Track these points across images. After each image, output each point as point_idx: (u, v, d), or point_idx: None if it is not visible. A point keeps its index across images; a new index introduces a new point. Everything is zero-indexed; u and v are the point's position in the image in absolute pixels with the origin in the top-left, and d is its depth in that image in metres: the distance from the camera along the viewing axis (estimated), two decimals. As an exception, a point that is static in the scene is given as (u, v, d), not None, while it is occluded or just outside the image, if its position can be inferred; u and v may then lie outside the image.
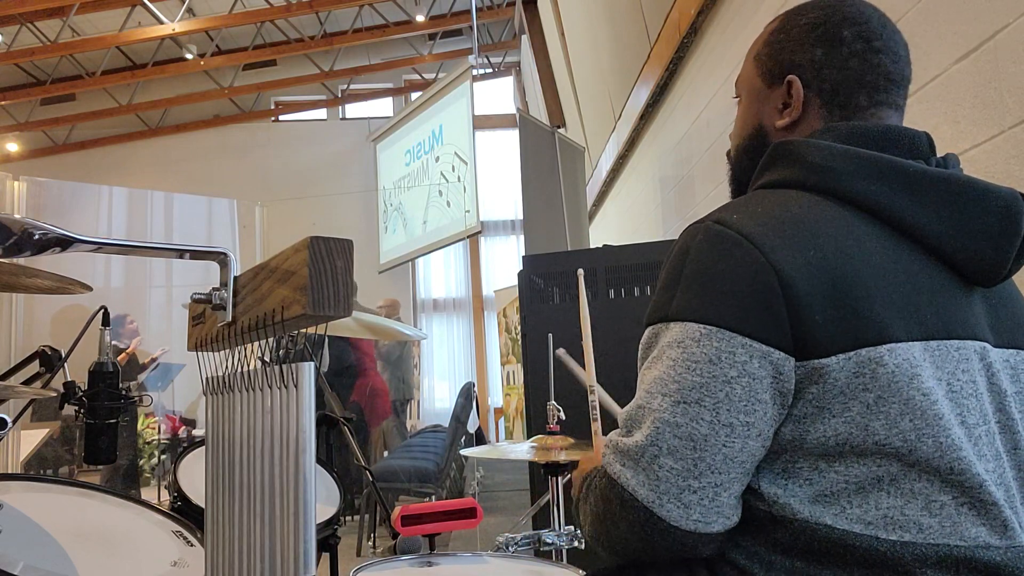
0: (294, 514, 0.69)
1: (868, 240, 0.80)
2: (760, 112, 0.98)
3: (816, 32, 0.92)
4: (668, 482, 0.77)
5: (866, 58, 0.90)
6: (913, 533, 0.74)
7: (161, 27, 7.80)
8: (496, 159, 8.82)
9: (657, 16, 4.15)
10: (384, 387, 5.61)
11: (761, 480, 0.80)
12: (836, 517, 0.76)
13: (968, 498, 0.76)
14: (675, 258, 0.84)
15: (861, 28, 0.90)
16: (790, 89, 0.93)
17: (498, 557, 1.31)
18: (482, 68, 10.21)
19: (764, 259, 0.77)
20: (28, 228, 0.69)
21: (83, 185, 6.82)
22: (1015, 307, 0.90)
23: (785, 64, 0.94)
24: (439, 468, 4.47)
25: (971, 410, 0.78)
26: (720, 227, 0.81)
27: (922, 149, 0.87)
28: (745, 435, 0.76)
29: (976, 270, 0.82)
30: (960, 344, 0.79)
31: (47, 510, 1.34)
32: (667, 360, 0.79)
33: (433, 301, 9.47)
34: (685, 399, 0.77)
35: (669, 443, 0.77)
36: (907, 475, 0.76)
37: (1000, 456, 0.80)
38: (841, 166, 0.83)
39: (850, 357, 0.75)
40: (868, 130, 0.87)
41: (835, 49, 0.90)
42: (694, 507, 0.77)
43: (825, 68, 0.91)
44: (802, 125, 0.93)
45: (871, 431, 0.75)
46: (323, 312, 0.65)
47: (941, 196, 0.81)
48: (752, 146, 0.99)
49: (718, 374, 0.76)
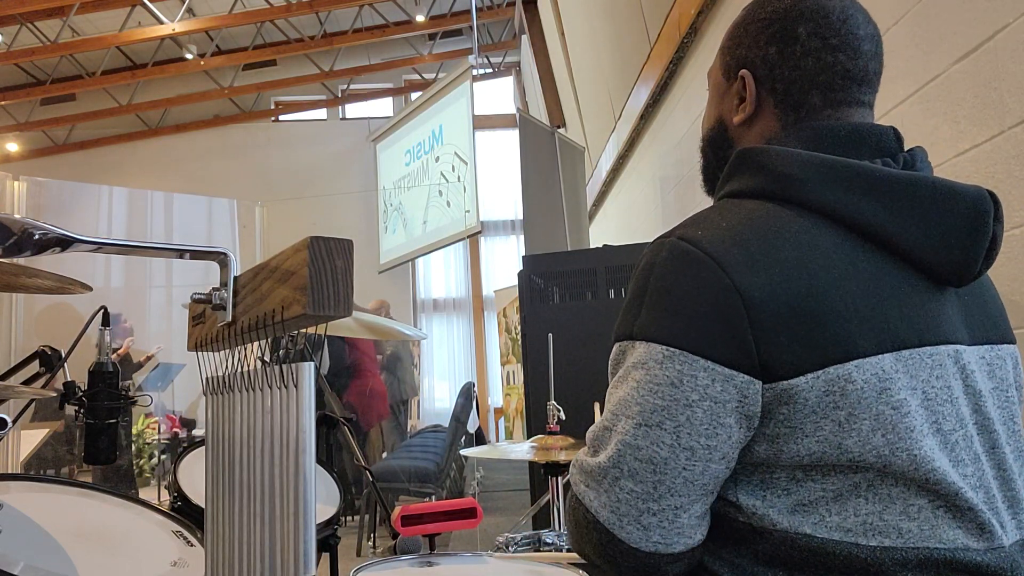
0: (294, 514, 0.69)
1: (834, 251, 0.79)
2: (720, 106, 0.98)
3: (772, 29, 0.90)
4: (628, 504, 0.77)
5: (820, 57, 0.88)
6: (892, 538, 0.74)
7: (161, 27, 7.80)
8: (496, 159, 8.82)
9: (657, 16, 4.15)
10: (383, 388, 5.61)
11: (740, 492, 0.80)
12: (815, 526, 0.76)
13: (944, 502, 0.76)
14: (640, 274, 0.83)
15: (817, 24, 0.88)
16: (744, 85, 0.92)
17: (498, 557, 1.31)
18: (482, 68, 10.21)
19: (728, 280, 0.76)
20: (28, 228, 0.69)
21: (83, 185, 6.83)
22: (989, 302, 0.89)
23: (740, 59, 0.94)
24: (439, 468, 4.47)
25: (947, 416, 0.78)
26: (685, 244, 0.80)
27: (889, 146, 0.86)
28: (707, 458, 0.76)
29: (946, 272, 0.81)
30: (933, 350, 0.79)
31: (47, 510, 1.34)
32: (631, 381, 0.79)
33: (433, 301, 9.47)
34: (647, 422, 0.77)
35: (630, 465, 0.77)
36: (883, 482, 0.76)
37: (979, 459, 0.80)
38: (807, 175, 0.82)
39: (818, 376, 0.74)
40: (834, 130, 0.86)
41: (789, 47, 0.89)
42: (654, 529, 0.77)
43: (778, 67, 0.90)
44: (758, 123, 0.92)
45: (844, 448, 0.75)
46: (323, 312, 0.65)
47: (907, 199, 0.80)
48: (714, 139, 0.99)
49: (679, 397, 0.76)
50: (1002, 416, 0.84)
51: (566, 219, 5.27)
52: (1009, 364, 0.88)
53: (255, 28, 8.72)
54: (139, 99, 9.44)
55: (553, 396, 1.86)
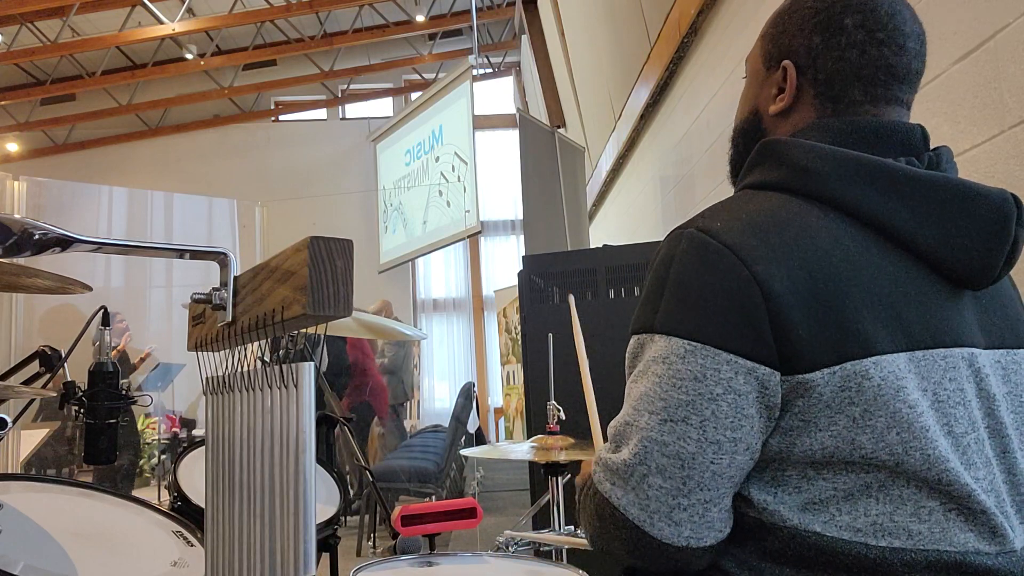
0: (294, 514, 0.69)
1: (853, 247, 0.79)
2: (757, 95, 0.96)
3: (818, 18, 0.88)
4: (658, 501, 0.77)
5: (865, 50, 0.86)
6: (903, 539, 0.74)
7: (161, 27, 7.80)
8: (496, 159, 8.82)
9: (657, 16, 4.15)
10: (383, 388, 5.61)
11: (751, 487, 0.80)
12: (825, 524, 0.76)
13: (956, 505, 0.75)
14: (659, 266, 0.83)
15: (865, 17, 0.86)
16: (785, 75, 0.91)
17: (498, 557, 1.31)
18: (482, 68, 10.20)
19: (748, 272, 0.76)
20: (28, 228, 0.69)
21: (83, 185, 6.83)
22: (1008, 306, 0.89)
23: (783, 48, 0.91)
24: (439, 468, 4.47)
25: (959, 419, 0.78)
26: (704, 236, 0.79)
27: (915, 144, 0.85)
28: (732, 451, 0.76)
29: (964, 274, 0.80)
30: (947, 352, 0.78)
31: (47, 510, 1.34)
32: (653, 376, 0.79)
33: (433, 301, 9.47)
34: (672, 417, 0.77)
35: (657, 462, 0.77)
36: (895, 482, 0.75)
37: (990, 463, 0.79)
38: (827, 169, 0.81)
39: (835, 372, 0.74)
40: (860, 127, 0.85)
41: (834, 38, 0.87)
42: (685, 524, 0.77)
43: (821, 57, 0.88)
44: (795, 115, 0.91)
45: (857, 444, 0.75)
46: (323, 312, 0.65)
47: (929, 200, 0.80)
48: (747, 129, 0.97)
49: (704, 392, 0.76)
50: (1015, 421, 0.84)
51: (566, 219, 5.27)
52: None
53: (255, 28, 8.72)
54: (139, 99, 9.44)
55: (553, 396, 1.86)
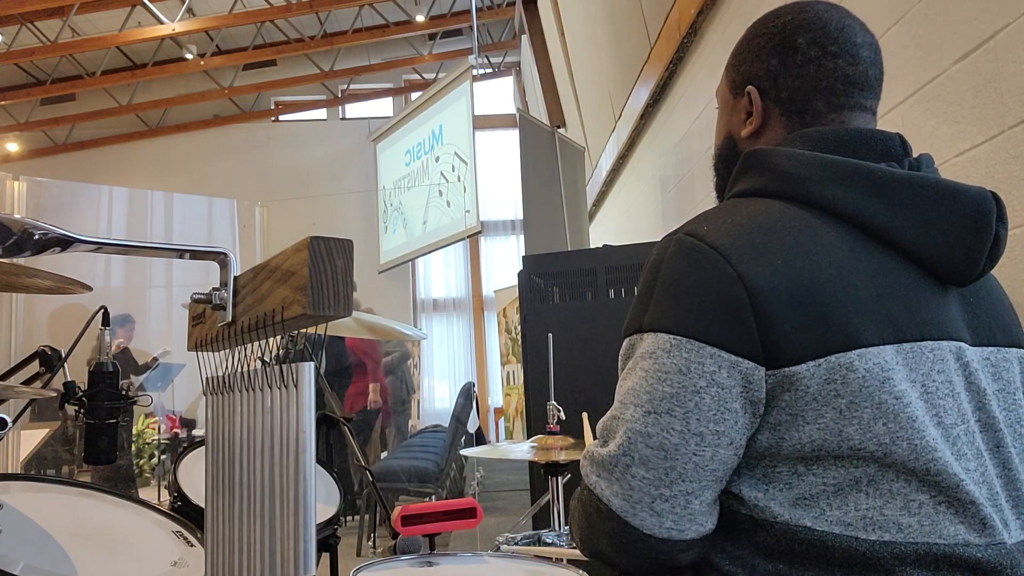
0: (294, 514, 0.69)
1: (838, 246, 0.81)
2: (728, 122, 1.02)
3: (773, 42, 0.94)
4: (641, 491, 0.78)
5: (821, 63, 0.91)
6: (892, 533, 0.75)
7: (161, 27, 7.80)
8: (496, 159, 8.82)
9: (657, 16, 4.15)
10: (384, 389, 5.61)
11: (742, 484, 0.81)
12: (816, 519, 0.77)
13: (946, 497, 0.76)
14: (649, 270, 0.86)
15: (816, 34, 0.92)
16: (750, 99, 0.96)
17: (498, 557, 1.31)
18: (482, 68, 10.21)
19: (732, 270, 0.78)
20: (28, 228, 0.69)
21: (83, 185, 6.83)
22: (994, 304, 0.90)
23: (745, 75, 0.98)
24: (439, 468, 4.47)
25: (948, 410, 0.79)
26: (691, 239, 0.83)
27: (894, 151, 0.88)
28: (715, 444, 0.78)
29: (948, 270, 0.82)
30: (934, 345, 0.80)
31: (47, 510, 1.34)
32: (640, 371, 0.81)
33: (433, 301, 9.47)
34: (656, 409, 0.78)
35: (641, 453, 0.78)
36: (884, 476, 0.76)
37: (981, 455, 0.80)
38: (810, 173, 0.84)
39: (820, 364, 0.76)
40: (838, 135, 0.89)
41: (790, 57, 0.93)
42: (667, 515, 0.78)
43: (781, 77, 0.94)
44: (766, 134, 0.96)
45: (845, 436, 0.76)
46: (323, 312, 0.65)
47: (910, 198, 0.82)
48: (724, 155, 1.03)
49: (687, 384, 0.77)
50: (1008, 418, 0.84)
51: (566, 219, 5.27)
52: (1016, 368, 0.88)
53: (255, 28, 8.72)
54: (139, 99, 9.44)
55: (553, 396, 1.86)
